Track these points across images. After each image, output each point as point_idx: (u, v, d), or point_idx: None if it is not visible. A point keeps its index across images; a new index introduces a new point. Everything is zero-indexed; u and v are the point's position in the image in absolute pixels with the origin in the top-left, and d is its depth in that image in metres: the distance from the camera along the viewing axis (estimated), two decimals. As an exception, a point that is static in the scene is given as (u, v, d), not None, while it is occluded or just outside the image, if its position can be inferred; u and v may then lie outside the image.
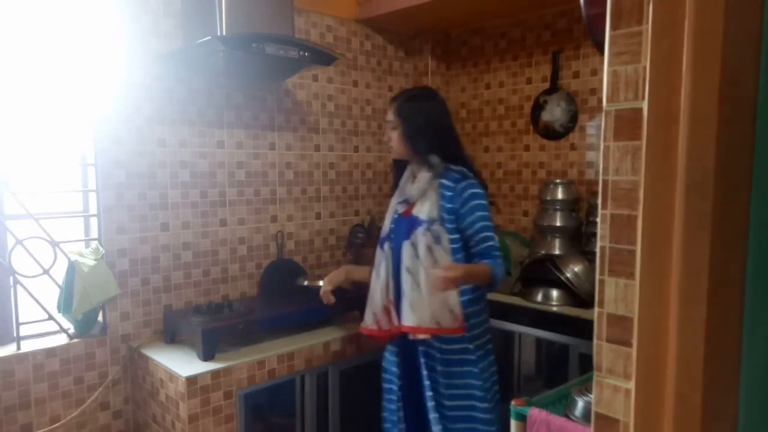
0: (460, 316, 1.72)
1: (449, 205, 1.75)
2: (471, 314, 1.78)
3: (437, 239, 1.73)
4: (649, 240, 0.73)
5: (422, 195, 1.79)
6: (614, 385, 0.79)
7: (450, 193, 1.75)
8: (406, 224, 1.80)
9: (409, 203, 1.83)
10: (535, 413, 1.36)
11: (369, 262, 2.75)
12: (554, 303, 2.24)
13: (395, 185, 1.98)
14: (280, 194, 2.54)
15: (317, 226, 2.70)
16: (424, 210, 1.77)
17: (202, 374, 1.84)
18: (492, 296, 2.43)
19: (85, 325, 2.02)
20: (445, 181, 1.78)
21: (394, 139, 1.85)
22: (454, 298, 1.71)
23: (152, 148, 2.13)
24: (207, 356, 1.92)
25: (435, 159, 1.80)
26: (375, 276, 1.89)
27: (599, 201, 0.80)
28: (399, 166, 1.97)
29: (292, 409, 2.13)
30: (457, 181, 1.77)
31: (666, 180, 0.70)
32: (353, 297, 2.42)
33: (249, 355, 1.99)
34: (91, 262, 1.97)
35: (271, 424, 2.11)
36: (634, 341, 0.75)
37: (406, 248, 1.77)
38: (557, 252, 2.53)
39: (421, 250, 1.73)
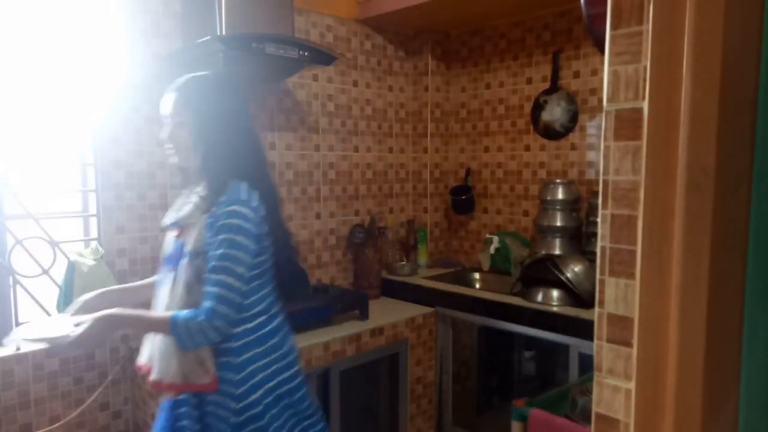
0: (211, 369, 1.37)
1: (208, 234, 1.37)
2: (235, 366, 1.39)
3: (198, 277, 1.36)
4: (649, 240, 0.73)
5: (192, 219, 1.41)
6: (614, 385, 0.79)
7: (212, 220, 1.36)
8: (178, 251, 1.43)
9: (180, 227, 1.46)
10: (535, 413, 1.36)
11: (369, 262, 2.77)
12: (554, 303, 2.24)
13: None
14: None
15: (317, 226, 2.70)
16: (191, 238, 1.39)
17: (202, 374, 1.84)
18: (493, 296, 2.44)
19: (84, 325, 2.02)
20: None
21: (180, 141, 1.43)
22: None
23: (151, 149, 2.13)
24: (207, 356, 1.91)
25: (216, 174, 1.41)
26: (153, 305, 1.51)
27: (599, 201, 0.80)
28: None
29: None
30: (223, 204, 1.36)
31: (666, 180, 0.70)
32: (353, 297, 2.43)
33: (249, 355, 1.98)
34: (91, 262, 1.97)
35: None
36: (634, 341, 0.75)
37: (167, 282, 1.43)
38: (557, 252, 2.53)
39: (179, 288, 1.38)
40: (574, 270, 2.24)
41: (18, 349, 1.88)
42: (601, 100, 2.53)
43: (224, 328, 1.33)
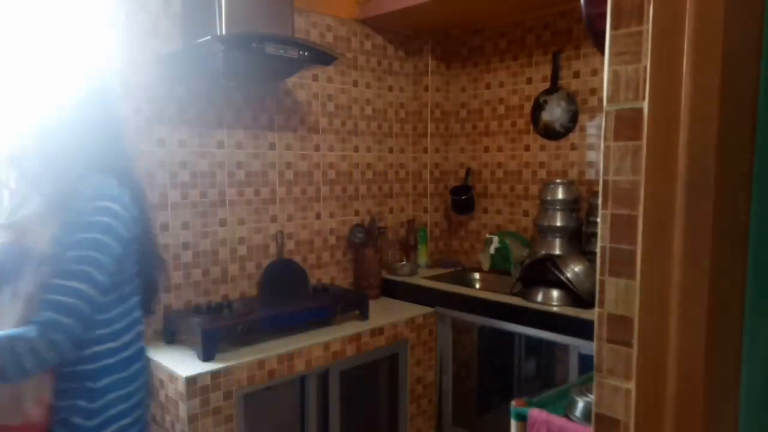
0: (29, 406, 1.11)
1: (63, 233, 1.13)
2: (91, 393, 1.16)
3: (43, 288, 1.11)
4: (649, 240, 0.73)
5: (37, 218, 1.17)
6: (614, 385, 0.79)
7: (71, 217, 1.15)
8: (13, 258, 1.17)
9: (18, 229, 1.20)
10: (535, 413, 1.36)
11: (368, 262, 2.77)
12: (554, 303, 2.24)
13: None
14: (279, 194, 2.54)
15: (317, 226, 2.70)
16: (37, 241, 1.15)
17: (202, 374, 1.84)
18: (492, 296, 2.44)
19: (84, 326, 2.02)
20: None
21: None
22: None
23: (151, 149, 2.13)
24: (207, 356, 1.92)
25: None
26: None
27: (599, 201, 0.80)
28: None
29: (292, 410, 2.13)
30: (89, 199, 1.16)
31: (666, 180, 0.70)
32: (353, 297, 2.43)
33: (249, 355, 1.99)
34: (91, 262, 1.97)
35: (271, 424, 2.11)
36: (634, 341, 0.75)
37: (5, 296, 1.16)
38: (557, 252, 2.53)
39: (17, 304, 1.13)
40: (574, 270, 2.24)
41: None
42: (601, 100, 2.52)
43: (65, 345, 1.06)
